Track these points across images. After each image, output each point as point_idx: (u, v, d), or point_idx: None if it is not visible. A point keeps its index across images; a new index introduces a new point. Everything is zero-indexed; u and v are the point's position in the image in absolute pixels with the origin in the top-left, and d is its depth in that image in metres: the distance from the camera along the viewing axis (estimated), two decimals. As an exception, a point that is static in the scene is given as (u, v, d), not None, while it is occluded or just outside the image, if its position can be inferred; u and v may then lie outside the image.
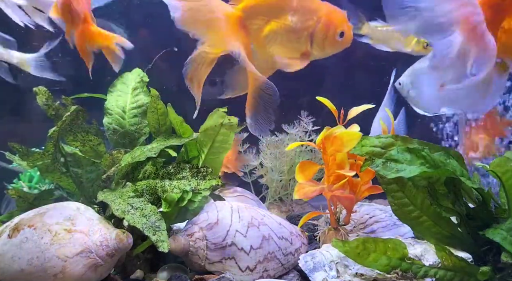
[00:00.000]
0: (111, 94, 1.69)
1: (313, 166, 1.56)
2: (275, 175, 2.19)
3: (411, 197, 1.31)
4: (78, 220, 1.28)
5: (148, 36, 2.37)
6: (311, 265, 1.39)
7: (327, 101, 1.58)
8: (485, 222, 1.30)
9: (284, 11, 1.41)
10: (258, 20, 1.43)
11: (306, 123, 2.15)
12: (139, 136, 1.64)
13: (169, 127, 1.57)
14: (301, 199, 1.54)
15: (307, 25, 1.41)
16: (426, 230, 1.34)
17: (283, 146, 2.16)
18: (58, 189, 1.75)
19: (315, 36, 1.41)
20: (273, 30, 1.42)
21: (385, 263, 1.21)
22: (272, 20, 1.42)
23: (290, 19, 1.41)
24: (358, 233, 1.64)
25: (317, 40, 1.41)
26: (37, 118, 2.19)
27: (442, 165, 1.22)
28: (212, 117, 1.50)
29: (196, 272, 1.46)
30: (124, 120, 1.65)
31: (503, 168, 1.29)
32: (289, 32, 1.41)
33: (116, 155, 1.50)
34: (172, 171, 1.40)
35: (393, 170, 1.19)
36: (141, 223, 1.25)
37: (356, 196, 1.56)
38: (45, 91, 1.52)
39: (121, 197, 1.34)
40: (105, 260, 1.26)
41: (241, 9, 1.42)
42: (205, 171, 1.35)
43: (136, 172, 1.46)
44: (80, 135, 1.55)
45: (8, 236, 1.23)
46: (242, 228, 1.46)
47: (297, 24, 1.41)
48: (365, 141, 1.35)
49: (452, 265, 1.23)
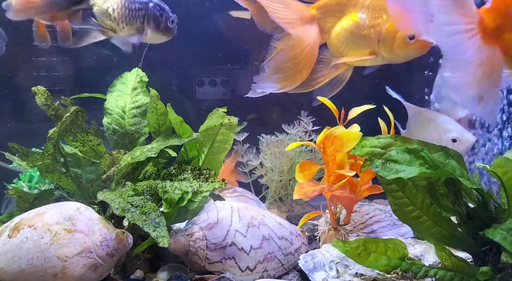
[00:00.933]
0: (111, 94, 1.69)
1: (313, 166, 1.56)
2: (275, 175, 2.19)
3: (411, 197, 1.31)
4: (78, 220, 1.28)
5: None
6: (311, 265, 1.39)
7: (328, 101, 1.58)
8: (485, 222, 1.30)
9: (355, 8, 1.41)
10: (331, 17, 1.45)
11: (306, 123, 2.15)
12: (139, 136, 1.64)
13: (169, 127, 1.57)
14: (301, 199, 1.54)
15: (375, 23, 1.39)
16: (426, 230, 1.34)
17: (283, 146, 2.16)
18: (58, 189, 1.75)
19: (382, 35, 1.39)
20: (343, 27, 1.42)
21: (385, 263, 1.21)
22: (343, 17, 1.42)
23: (359, 16, 1.40)
24: (358, 233, 1.64)
25: (384, 39, 1.39)
26: (37, 118, 2.19)
27: (441, 166, 1.22)
28: (212, 117, 1.50)
29: (196, 272, 1.46)
30: (124, 120, 1.65)
31: (504, 169, 1.29)
32: (357, 29, 1.41)
33: (116, 155, 1.50)
34: (173, 172, 1.40)
35: (393, 171, 1.19)
36: (141, 220, 1.25)
37: (356, 196, 1.56)
38: (44, 91, 1.52)
39: (121, 196, 1.34)
40: (105, 260, 1.26)
41: (316, 7, 1.44)
42: (208, 173, 1.35)
43: (137, 173, 1.46)
44: (79, 136, 1.55)
45: (8, 236, 1.23)
46: (242, 228, 1.46)
47: (365, 21, 1.40)
48: (364, 141, 1.35)
49: (452, 265, 1.23)
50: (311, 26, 1.46)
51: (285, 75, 1.49)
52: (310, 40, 1.45)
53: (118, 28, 1.58)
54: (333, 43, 1.46)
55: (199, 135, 1.51)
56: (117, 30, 1.59)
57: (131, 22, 1.58)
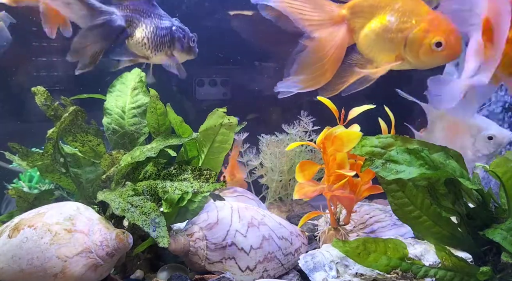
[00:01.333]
0: (111, 94, 1.69)
1: (313, 166, 1.56)
2: (275, 175, 2.19)
3: (411, 197, 1.31)
4: (78, 220, 1.28)
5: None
6: (311, 265, 1.39)
7: (328, 101, 1.58)
8: (485, 222, 1.30)
9: (385, 10, 1.40)
10: (361, 18, 1.44)
11: (306, 123, 2.15)
12: (139, 136, 1.64)
13: (169, 127, 1.57)
14: (301, 199, 1.54)
15: (403, 27, 1.37)
16: (426, 230, 1.34)
17: (283, 146, 2.16)
18: (58, 189, 1.75)
19: (409, 40, 1.36)
20: (371, 29, 1.41)
21: (385, 263, 1.21)
22: (373, 19, 1.42)
23: (388, 18, 1.39)
24: (358, 233, 1.64)
25: (411, 45, 1.37)
26: (37, 118, 2.19)
27: (441, 166, 1.22)
28: (211, 117, 1.50)
29: (196, 272, 1.46)
30: (124, 120, 1.65)
31: (503, 169, 1.28)
32: (385, 32, 1.40)
33: (116, 155, 1.50)
34: (173, 172, 1.40)
35: (393, 171, 1.19)
36: (141, 220, 1.25)
37: (356, 196, 1.56)
38: (43, 91, 1.52)
39: (121, 196, 1.34)
40: (105, 260, 1.26)
41: (347, 7, 1.44)
42: (208, 174, 1.35)
43: (137, 173, 1.46)
44: (79, 136, 1.55)
45: (8, 236, 1.23)
46: (242, 228, 1.46)
47: (393, 25, 1.38)
48: (365, 141, 1.35)
49: (452, 265, 1.23)
50: (340, 27, 1.46)
51: (309, 76, 1.48)
52: (337, 41, 1.45)
53: (151, 55, 1.63)
54: (361, 44, 1.45)
55: (199, 135, 1.51)
56: (150, 57, 1.65)
57: (160, 48, 1.63)
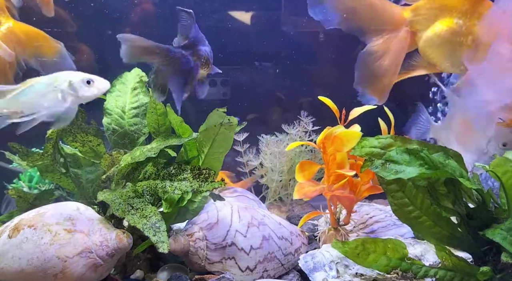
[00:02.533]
0: (111, 94, 1.69)
1: (313, 166, 1.56)
2: (275, 175, 2.19)
3: (411, 197, 1.31)
4: (78, 220, 1.28)
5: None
6: (311, 265, 1.39)
7: (329, 101, 1.58)
8: (485, 222, 1.30)
9: (452, 13, 1.36)
10: (425, 21, 1.40)
11: (306, 123, 2.15)
12: (139, 136, 1.64)
13: (169, 127, 1.57)
14: (301, 199, 1.54)
15: (472, 31, 1.33)
16: (426, 230, 1.34)
17: (283, 146, 2.16)
18: (58, 189, 1.75)
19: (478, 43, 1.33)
20: (436, 32, 1.38)
21: (385, 263, 1.21)
22: (437, 22, 1.38)
23: (455, 21, 1.35)
24: (358, 233, 1.64)
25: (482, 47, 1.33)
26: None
27: (441, 166, 1.22)
28: (211, 117, 1.50)
29: (196, 272, 1.46)
30: (124, 120, 1.65)
31: (503, 169, 1.28)
32: (452, 35, 1.36)
33: (116, 155, 1.50)
34: (173, 172, 1.40)
35: (392, 172, 1.19)
36: (141, 223, 1.25)
37: (356, 196, 1.56)
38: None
39: (121, 197, 1.34)
40: (105, 260, 1.26)
41: (410, 10, 1.40)
42: (207, 173, 1.35)
43: (137, 173, 1.46)
44: (79, 136, 1.55)
45: (8, 236, 1.23)
46: (242, 228, 1.46)
47: (461, 28, 1.34)
48: (364, 142, 1.35)
49: (452, 265, 1.23)
50: (401, 32, 1.43)
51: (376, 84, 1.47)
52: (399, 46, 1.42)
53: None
54: (424, 49, 1.42)
55: (199, 135, 1.52)
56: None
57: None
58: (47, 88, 1.32)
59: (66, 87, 1.31)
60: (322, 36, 2.48)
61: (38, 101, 1.31)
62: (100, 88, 1.36)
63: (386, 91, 1.50)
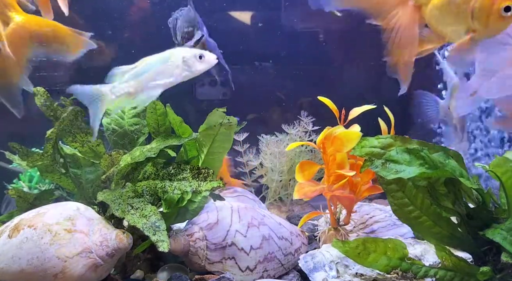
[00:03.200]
0: (111, 94, 1.69)
1: (313, 166, 1.56)
2: (275, 175, 2.19)
3: (411, 197, 1.31)
4: (78, 220, 1.28)
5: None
6: (311, 265, 1.39)
7: (329, 101, 1.58)
8: (485, 222, 1.30)
9: None
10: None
11: (306, 123, 2.15)
12: (139, 136, 1.64)
13: (168, 127, 1.57)
14: (301, 199, 1.54)
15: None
16: (426, 230, 1.34)
17: (283, 146, 2.16)
18: (58, 189, 1.75)
19: (476, 11, 1.33)
20: (435, 4, 1.39)
21: (385, 263, 1.21)
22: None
23: None
24: (358, 233, 1.64)
25: (479, 15, 1.33)
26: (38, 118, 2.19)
27: (441, 166, 1.22)
28: (211, 117, 1.50)
29: (196, 272, 1.46)
30: (123, 120, 1.65)
31: (503, 168, 1.28)
32: (449, 5, 1.37)
33: (115, 155, 1.50)
34: (172, 172, 1.40)
35: (393, 171, 1.19)
36: (141, 223, 1.25)
37: (356, 196, 1.56)
38: (43, 92, 1.52)
39: (121, 197, 1.34)
40: (105, 260, 1.26)
41: None
42: (206, 173, 1.35)
43: (136, 173, 1.46)
44: (79, 136, 1.55)
45: (8, 236, 1.23)
46: (242, 228, 1.46)
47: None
48: (364, 142, 1.35)
49: (452, 265, 1.23)
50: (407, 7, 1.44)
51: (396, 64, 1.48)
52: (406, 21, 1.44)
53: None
54: (430, 21, 1.44)
55: (198, 135, 1.51)
56: None
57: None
58: (162, 65, 1.38)
59: (181, 63, 1.37)
60: (322, 36, 2.48)
61: (155, 78, 1.38)
62: (210, 62, 1.41)
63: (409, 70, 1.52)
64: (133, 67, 1.38)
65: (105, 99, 1.37)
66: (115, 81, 1.38)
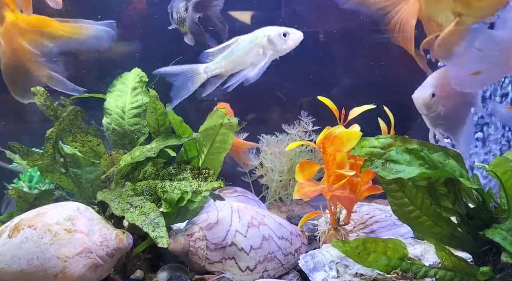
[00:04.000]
0: (111, 94, 1.69)
1: (313, 166, 1.56)
2: (275, 175, 2.19)
3: (411, 197, 1.31)
4: (78, 220, 1.28)
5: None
6: (311, 265, 1.39)
7: (328, 101, 1.58)
8: (485, 222, 1.30)
9: None
10: None
11: (306, 123, 2.15)
12: (139, 136, 1.64)
13: (169, 127, 1.57)
14: (301, 199, 1.54)
15: None
16: (426, 230, 1.34)
17: (283, 146, 2.16)
18: (58, 189, 1.75)
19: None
20: None
21: (385, 263, 1.21)
22: None
23: None
24: (358, 233, 1.64)
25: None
26: (39, 118, 2.19)
27: (441, 166, 1.22)
28: (211, 117, 1.50)
29: (196, 272, 1.46)
30: (124, 120, 1.65)
31: (503, 168, 1.28)
32: None
33: (115, 155, 1.50)
34: (172, 172, 1.40)
35: (393, 171, 1.19)
36: (140, 220, 1.25)
37: (356, 196, 1.56)
38: (43, 92, 1.52)
39: (121, 196, 1.34)
40: (105, 260, 1.26)
41: None
42: (207, 173, 1.35)
43: (136, 173, 1.46)
44: (79, 136, 1.55)
45: (8, 236, 1.23)
46: (242, 228, 1.46)
47: None
48: (364, 142, 1.35)
49: (452, 265, 1.23)
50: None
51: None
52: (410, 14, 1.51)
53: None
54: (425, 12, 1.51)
55: (198, 135, 1.52)
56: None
57: None
58: (249, 45, 1.44)
59: (266, 43, 1.41)
60: (322, 36, 2.48)
61: (244, 59, 1.44)
62: (295, 40, 1.46)
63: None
64: (226, 46, 1.44)
65: (198, 78, 1.46)
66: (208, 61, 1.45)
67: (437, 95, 1.73)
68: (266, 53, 1.42)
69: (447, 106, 1.76)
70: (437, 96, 1.73)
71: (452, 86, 1.69)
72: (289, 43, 1.42)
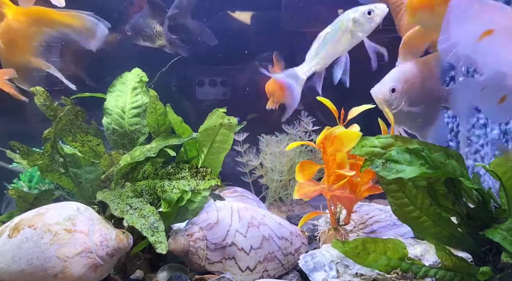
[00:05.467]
0: (111, 94, 1.69)
1: (313, 166, 1.56)
2: (275, 175, 2.19)
3: (411, 197, 1.31)
4: (78, 220, 1.28)
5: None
6: (311, 265, 1.39)
7: (328, 101, 1.58)
8: (485, 222, 1.30)
9: None
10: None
11: (306, 123, 2.15)
12: (139, 136, 1.64)
13: (168, 127, 1.57)
14: (301, 199, 1.54)
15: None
16: (426, 230, 1.34)
17: (283, 146, 2.16)
18: (58, 189, 1.75)
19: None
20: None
21: (385, 263, 1.21)
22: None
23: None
24: (358, 233, 1.64)
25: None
26: (39, 118, 2.19)
27: (441, 166, 1.22)
28: (211, 117, 1.50)
29: (196, 272, 1.46)
30: (124, 120, 1.65)
31: (503, 168, 1.28)
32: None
33: (115, 155, 1.49)
34: (171, 171, 1.40)
35: (393, 171, 1.19)
36: (139, 223, 1.25)
37: (356, 196, 1.56)
38: (43, 92, 1.52)
39: (120, 197, 1.34)
40: (105, 260, 1.26)
41: None
42: (205, 171, 1.35)
43: (135, 172, 1.46)
44: (79, 136, 1.55)
45: (8, 236, 1.23)
46: (242, 228, 1.46)
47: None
48: (364, 141, 1.35)
49: (452, 265, 1.23)
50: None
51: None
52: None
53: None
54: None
55: (198, 135, 1.51)
56: None
57: None
58: (336, 35, 1.41)
59: (352, 26, 1.41)
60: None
61: (336, 50, 1.44)
62: (381, 14, 1.44)
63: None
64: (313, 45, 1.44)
65: (299, 81, 1.51)
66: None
67: (398, 90, 1.66)
68: (356, 36, 1.42)
69: (411, 103, 1.70)
70: (398, 91, 1.66)
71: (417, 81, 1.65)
72: (376, 19, 1.42)
